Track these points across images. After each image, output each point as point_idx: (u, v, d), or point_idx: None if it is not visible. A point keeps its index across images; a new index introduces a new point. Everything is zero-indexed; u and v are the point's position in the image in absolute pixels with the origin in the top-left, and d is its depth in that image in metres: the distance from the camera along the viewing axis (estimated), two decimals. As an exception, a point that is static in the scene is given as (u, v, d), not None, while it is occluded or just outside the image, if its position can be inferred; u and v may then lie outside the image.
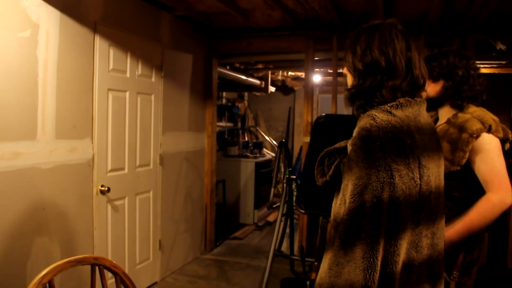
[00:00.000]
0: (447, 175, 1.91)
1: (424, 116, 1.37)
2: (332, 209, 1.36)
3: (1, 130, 2.43)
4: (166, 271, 4.16)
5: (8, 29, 2.45)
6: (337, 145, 1.49)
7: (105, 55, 3.21)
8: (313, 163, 1.59)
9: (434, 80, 2.04)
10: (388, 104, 1.31)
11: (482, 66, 4.90)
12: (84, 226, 3.09)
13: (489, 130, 1.88)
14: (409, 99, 1.33)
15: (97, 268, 1.47)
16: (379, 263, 1.21)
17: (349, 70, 1.43)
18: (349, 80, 1.44)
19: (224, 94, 7.72)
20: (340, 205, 1.28)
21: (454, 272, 1.93)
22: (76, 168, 2.98)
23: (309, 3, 3.61)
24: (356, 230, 1.20)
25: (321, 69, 6.43)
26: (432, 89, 2.06)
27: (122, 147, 3.45)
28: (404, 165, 1.24)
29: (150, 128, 3.82)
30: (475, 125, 1.89)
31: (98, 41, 3.12)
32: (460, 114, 1.97)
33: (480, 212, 1.89)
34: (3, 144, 2.44)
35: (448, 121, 1.99)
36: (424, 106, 1.38)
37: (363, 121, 1.29)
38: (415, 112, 1.32)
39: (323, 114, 3.47)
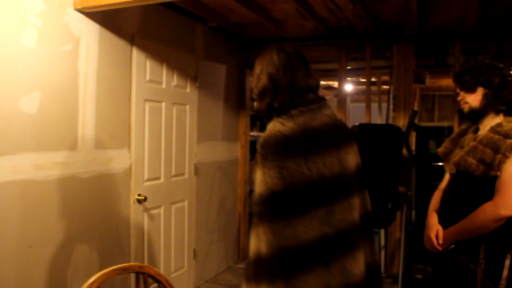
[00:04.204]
0: (488, 180, 1.90)
1: (318, 119, 1.63)
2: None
3: (44, 140, 2.51)
4: (200, 279, 4.18)
5: (52, 43, 2.54)
6: None
7: (142, 66, 3.27)
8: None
9: (472, 90, 2.07)
10: (282, 116, 1.62)
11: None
12: (121, 235, 3.14)
13: None
14: (302, 109, 1.62)
15: (141, 276, 1.49)
16: (277, 238, 1.53)
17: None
18: (256, 103, 1.78)
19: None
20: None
21: (502, 283, 1.89)
22: (114, 178, 3.05)
23: (342, 12, 3.60)
24: (259, 213, 1.57)
25: (352, 78, 6.39)
26: (473, 99, 2.07)
27: (158, 156, 3.50)
28: (292, 162, 1.54)
29: (185, 138, 3.87)
30: None
31: (135, 53, 3.20)
32: (505, 123, 1.95)
33: (472, 217, 1.92)
34: (46, 154, 2.52)
35: (492, 129, 1.97)
36: (322, 109, 1.67)
37: (264, 133, 1.63)
38: (306, 120, 1.60)
39: (357, 124, 3.45)
